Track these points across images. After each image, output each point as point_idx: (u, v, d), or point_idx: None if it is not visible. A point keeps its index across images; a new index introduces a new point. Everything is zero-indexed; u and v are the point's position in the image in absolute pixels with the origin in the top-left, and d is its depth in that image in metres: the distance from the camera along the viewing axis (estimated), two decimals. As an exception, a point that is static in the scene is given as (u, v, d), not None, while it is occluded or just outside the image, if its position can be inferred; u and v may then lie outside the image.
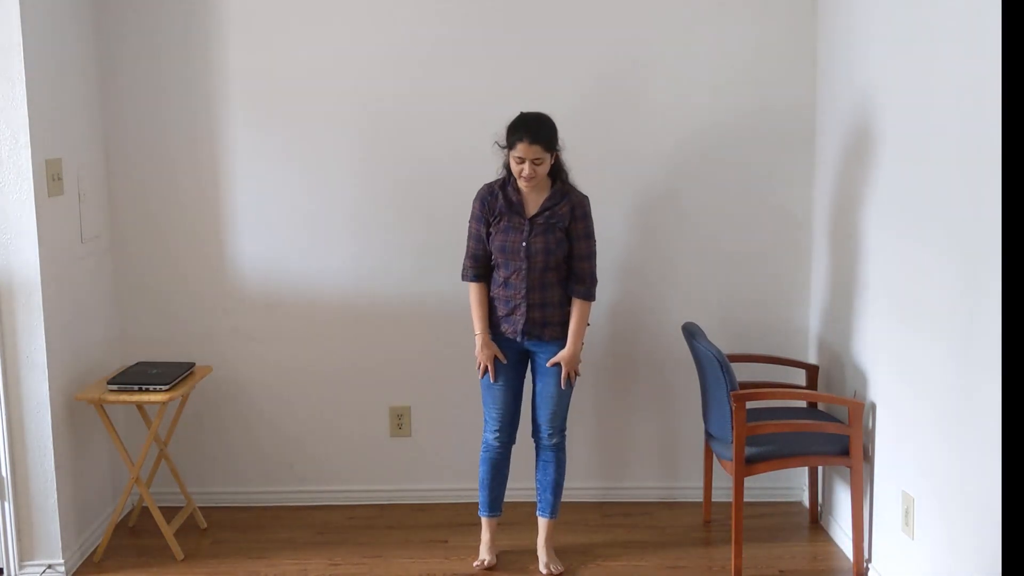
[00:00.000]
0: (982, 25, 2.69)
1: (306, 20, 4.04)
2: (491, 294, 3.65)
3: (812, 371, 4.00)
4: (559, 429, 3.69)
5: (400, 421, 4.28)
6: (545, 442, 3.70)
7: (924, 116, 3.09)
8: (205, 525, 4.10)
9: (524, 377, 3.74)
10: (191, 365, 3.91)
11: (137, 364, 3.94)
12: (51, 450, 3.58)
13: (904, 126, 3.25)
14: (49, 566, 3.64)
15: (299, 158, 4.12)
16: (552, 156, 3.52)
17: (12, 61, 3.39)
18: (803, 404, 4.01)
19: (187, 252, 4.17)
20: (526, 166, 3.47)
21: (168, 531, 3.81)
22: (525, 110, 3.55)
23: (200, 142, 4.10)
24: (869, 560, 3.63)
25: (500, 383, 3.65)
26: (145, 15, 4.02)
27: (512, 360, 3.67)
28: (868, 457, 3.59)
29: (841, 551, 3.84)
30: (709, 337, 3.72)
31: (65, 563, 3.65)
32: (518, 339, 3.63)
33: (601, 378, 4.25)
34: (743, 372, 3.88)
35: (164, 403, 3.65)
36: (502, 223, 3.57)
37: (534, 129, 3.47)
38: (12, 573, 3.62)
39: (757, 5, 4.03)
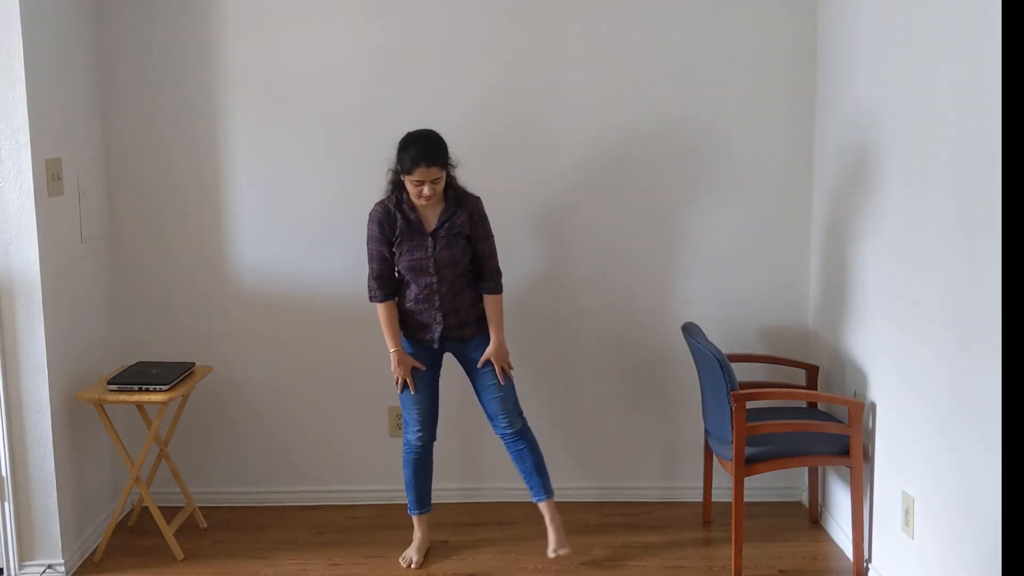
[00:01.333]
0: (982, 31, 2.70)
1: (306, 20, 4.04)
2: (406, 307, 3.67)
3: (812, 371, 4.00)
4: (515, 413, 3.72)
5: (400, 421, 4.28)
6: (507, 431, 3.71)
7: (924, 115, 3.09)
8: (205, 525, 4.10)
9: (439, 375, 3.78)
10: (191, 365, 3.90)
11: (137, 364, 3.94)
12: (51, 450, 3.58)
13: (904, 126, 3.25)
14: (49, 566, 3.64)
15: (299, 158, 4.12)
16: (447, 172, 3.56)
17: (12, 61, 3.39)
18: (803, 404, 4.01)
19: (187, 252, 4.17)
20: (425, 187, 3.48)
21: (168, 531, 3.81)
22: (412, 129, 3.57)
23: (200, 142, 4.10)
24: (869, 560, 3.63)
25: (419, 388, 3.71)
26: (145, 15, 4.02)
27: (428, 364, 3.72)
28: (868, 457, 3.59)
29: (841, 551, 3.84)
30: (709, 337, 3.72)
31: (65, 563, 3.65)
32: (435, 346, 3.69)
33: (601, 378, 4.26)
34: (743, 372, 3.89)
35: (164, 403, 3.64)
36: (405, 244, 3.58)
37: (431, 152, 3.48)
38: (12, 573, 3.62)
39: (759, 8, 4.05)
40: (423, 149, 3.47)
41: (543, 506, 3.76)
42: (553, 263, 4.17)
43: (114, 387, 3.68)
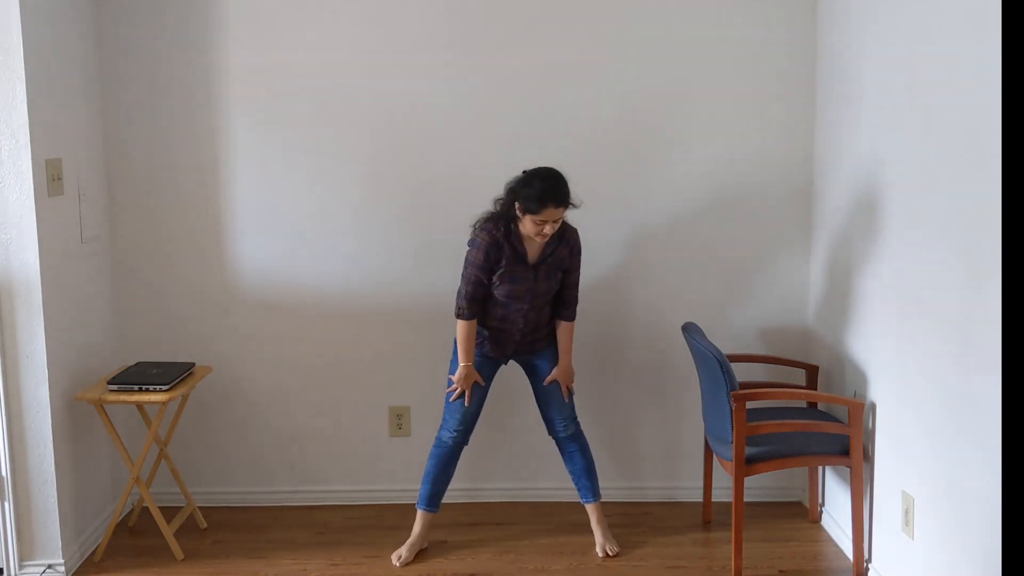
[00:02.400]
0: (983, 31, 2.70)
1: (307, 20, 4.04)
2: (489, 324, 3.72)
3: (812, 371, 4.00)
4: (571, 419, 3.84)
5: (400, 421, 4.28)
6: (562, 434, 3.83)
7: (924, 114, 3.10)
8: (205, 525, 4.10)
9: (492, 382, 3.86)
10: (191, 365, 3.90)
11: (137, 364, 3.93)
12: (51, 450, 3.58)
13: (905, 126, 3.25)
14: (49, 566, 3.64)
15: (299, 158, 4.12)
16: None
17: (12, 61, 3.39)
18: (803, 404, 4.01)
19: (187, 252, 4.17)
20: (547, 227, 3.51)
21: (168, 531, 3.81)
22: (538, 165, 3.59)
23: (200, 142, 4.10)
24: (869, 560, 3.63)
25: (473, 395, 3.78)
26: (145, 15, 4.02)
27: (489, 375, 3.81)
28: (868, 457, 3.59)
29: (841, 551, 3.84)
30: (709, 337, 3.72)
31: (65, 563, 3.65)
32: (504, 361, 3.81)
33: (601, 378, 4.26)
34: (743, 372, 3.89)
35: (164, 403, 3.64)
36: (507, 274, 3.61)
37: (560, 194, 3.50)
38: (12, 573, 3.62)
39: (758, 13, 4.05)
40: (552, 190, 3.48)
41: (590, 507, 3.87)
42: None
43: (114, 387, 3.67)
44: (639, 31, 4.05)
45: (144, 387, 3.66)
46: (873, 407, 3.56)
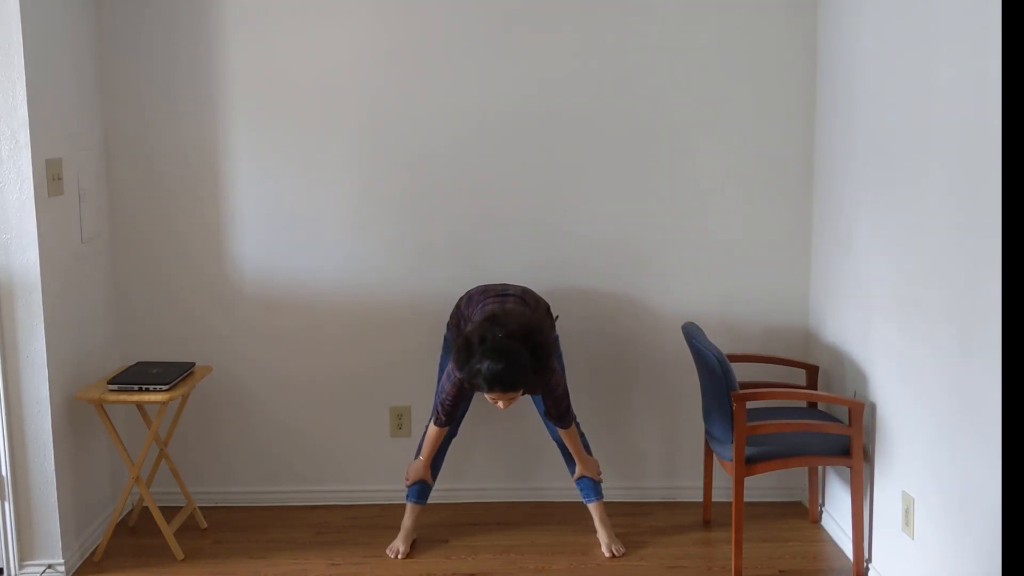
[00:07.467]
0: (982, 31, 2.70)
1: (306, 20, 4.04)
2: None
3: (812, 371, 4.00)
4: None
5: (400, 421, 4.28)
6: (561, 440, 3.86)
7: (924, 114, 3.10)
8: (205, 525, 4.10)
9: None
10: (191, 365, 3.90)
11: (137, 364, 3.93)
12: (51, 450, 3.58)
13: (904, 124, 3.25)
14: (49, 566, 3.64)
15: (299, 158, 4.12)
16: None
17: (12, 61, 3.39)
18: (803, 404, 4.01)
19: (187, 252, 4.17)
20: (500, 403, 3.41)
21: (168, 531, 3.81)
22: (487, 349, 3.26)
23: (200, 142, 4.10)
24: (869, 560, 3.63)
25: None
26: (146, 15, 4.02)
27: None
28: (868, 457, 3.59)
29: (841, 551, 3.84)
30: (709, 337, 3.72)
31: (65, 563, 3.65)
32: None
33: (601, 379, 4.26)
34: (743, 372, 3.88)
35: (164, 403, 3.64)
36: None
37: (509, 380, 3.26)
38: (12, 573, 3.62)
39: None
40: (498, 377, 3.24)
41: (592, 507, 3.87)
42: (553, 262, 4.17)
43: (114, 387, 3.67)
44: (639, 32, 4.06)
45: (144, 387, 3.66)
46: (873, 407, 3.56)
